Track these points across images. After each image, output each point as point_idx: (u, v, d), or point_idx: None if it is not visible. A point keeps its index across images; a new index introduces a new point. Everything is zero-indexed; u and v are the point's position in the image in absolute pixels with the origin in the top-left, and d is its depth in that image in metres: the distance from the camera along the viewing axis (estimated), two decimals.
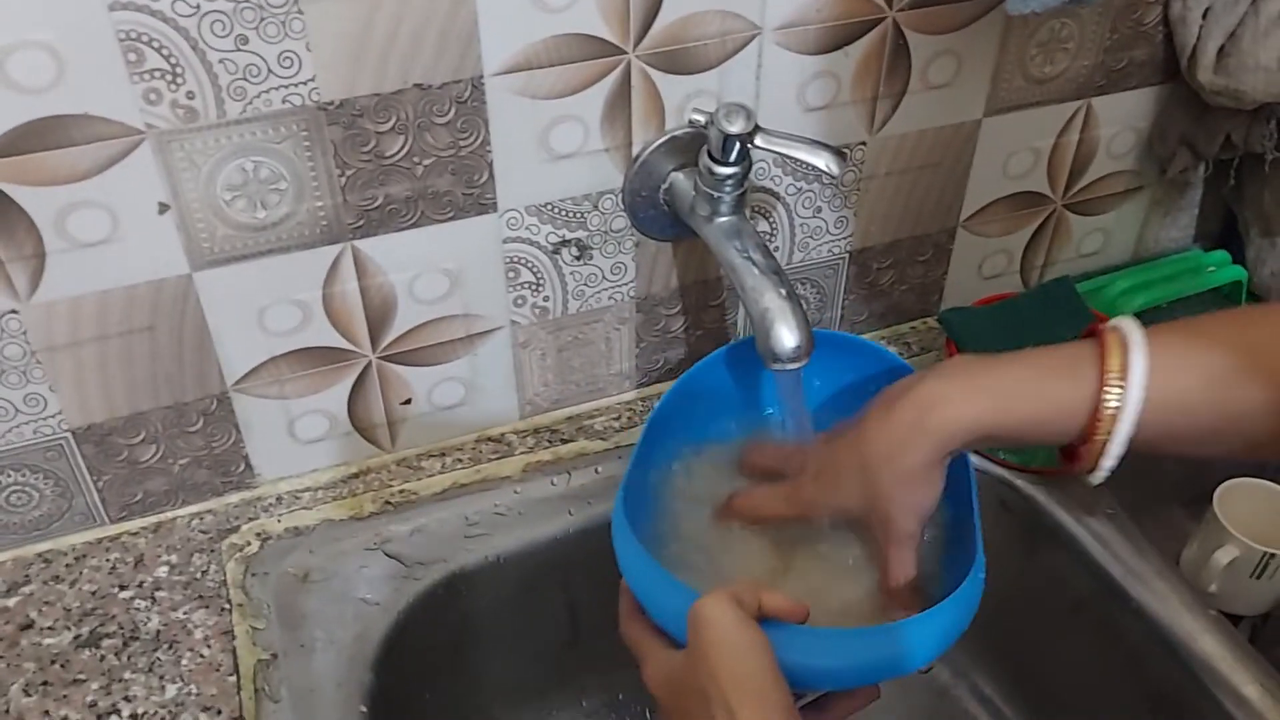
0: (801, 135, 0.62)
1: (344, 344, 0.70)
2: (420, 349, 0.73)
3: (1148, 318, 0.90)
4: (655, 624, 0.55)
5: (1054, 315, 0.82)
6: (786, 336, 0.61)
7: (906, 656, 0.53)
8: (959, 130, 0.78)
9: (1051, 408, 0.53)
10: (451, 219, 0.67)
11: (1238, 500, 0.90)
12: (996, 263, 0.89)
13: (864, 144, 0.76)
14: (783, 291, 0.62)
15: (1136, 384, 0.51)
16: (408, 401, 0.75)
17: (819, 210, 0.78)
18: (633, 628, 0.58)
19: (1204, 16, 0.76)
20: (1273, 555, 0.86)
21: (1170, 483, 0.94)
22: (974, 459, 0.77)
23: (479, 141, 0.65)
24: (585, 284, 0.74)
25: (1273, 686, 0.67)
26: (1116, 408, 0.51)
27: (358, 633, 0.67)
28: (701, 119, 0.63)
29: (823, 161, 0.62)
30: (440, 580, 0.72)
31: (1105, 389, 0.52)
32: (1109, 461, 0.53)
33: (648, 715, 0.85)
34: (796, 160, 0.62)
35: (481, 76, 0.63)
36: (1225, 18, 0.75)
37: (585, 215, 0.71)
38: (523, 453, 0.79)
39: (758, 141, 0.62)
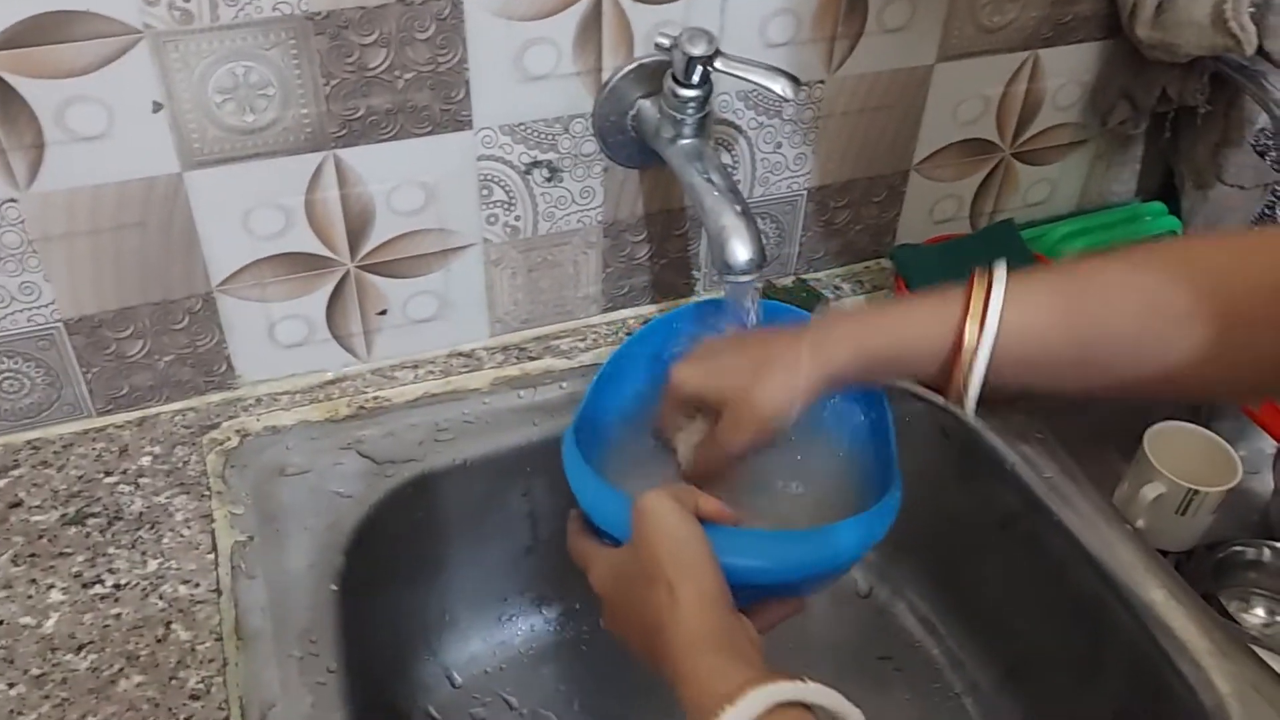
0: (760, 61, 0.67)
1: (324, 251, 0.74)
2: (396, 260, 0.77)
3: None
4: (602, 536, 0.60)
5: (995, 253, 0.86)
6: (741, 249, 0.65)
7: (827, 557, 0.58)
8: (913, 74, 0.83)
9: (916, 341, 0.57)
10: (429, 133, 0.71)
11: (1167, 441, 0.96)
12: (947, 207, 0.93)
13: (822, 82, 0.80)
14: (739, 209, 0.66)
15: (993, 317, 0.54)
16: (383, 312, 0.79)
17: (779, 145, 0.82)
18: (579, 542, 0.62)
19: None
20: (1196, 492, 0.92)
21: (1106, 427, 0.99)
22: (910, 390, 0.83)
23: (457, 59, 0.69)
24: (555, 206, 0.79)
25: (1177, 591, 0.73)
26: (973, 342, 0.55)
27: (330, 522, 0.72)
28: (667, 42, 0.67)
29: (779, 86, 0.66)
30: (410, 479, 0.76)
31: (965, 324, 0.55)
32: (971, 393, 0.56)
33: (601, 623, 0.90)
34: (754, 84, 0.66)
35: None
36: None
37: (556, 138, 0.75)
38: (491, 367, 0.83)
39: (718, 64, 0.66)
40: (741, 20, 0.74)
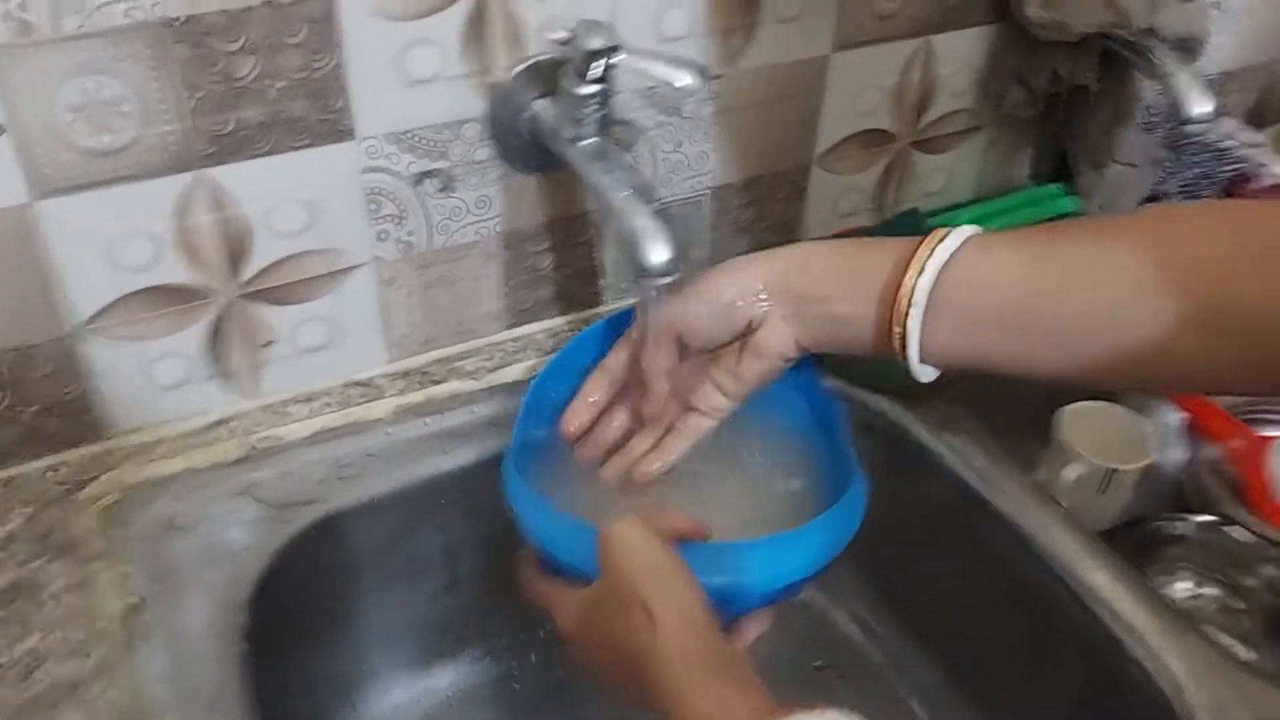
0: (661, 52, 0.64)
1: (200, 281, 0.68)
2: (281, 286, 0.71)
3: None
4: (562, 573, 0.56)
5: None
6: (657, 250, 0.62)
7: (809, 559, 0.55)
8: (810, 65, 0.81)
9: (856, 276, 0.56)
10: (308, 146, 0.66)
11: (1081, 421, 0.96)
12: (850, 200, 0.92)
13: (720, 77, 0.78)
14: (651, 208, 0.63)
15: (940, 254, 0.53)
16: (269, 344, 0.73)
17: (680, 144, 0.80)
18: (538, 583, 0.58)
19: None
20: (1115, 470, 0.92)
21: (1019, 412, 0.98)
22: (837, 386, 0.81)
23: (333, 64, 0.64)
24: (450, 218, 0.74)
25: (1119, 571, 0.71)
26: (913, 279, 0.53)
27: (230, 576, 0.65)
28: (562, 37, 0.63)
29: (684, 78, 0.63)
30: (313, 522, 0.70)
31: (910, 262, 0.53)
32: (912, 341, 0.54)
33: (531, 658, 0.85)
34: (658, 77, 0.63)
35: None
36: None
37: (447, 145, 0.71)
38: (393, 395, 0.78)
39: (620, 58, 0.63)
40: (634, 15, 0.71)
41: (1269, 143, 1.08)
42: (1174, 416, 1.06)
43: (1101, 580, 0.71)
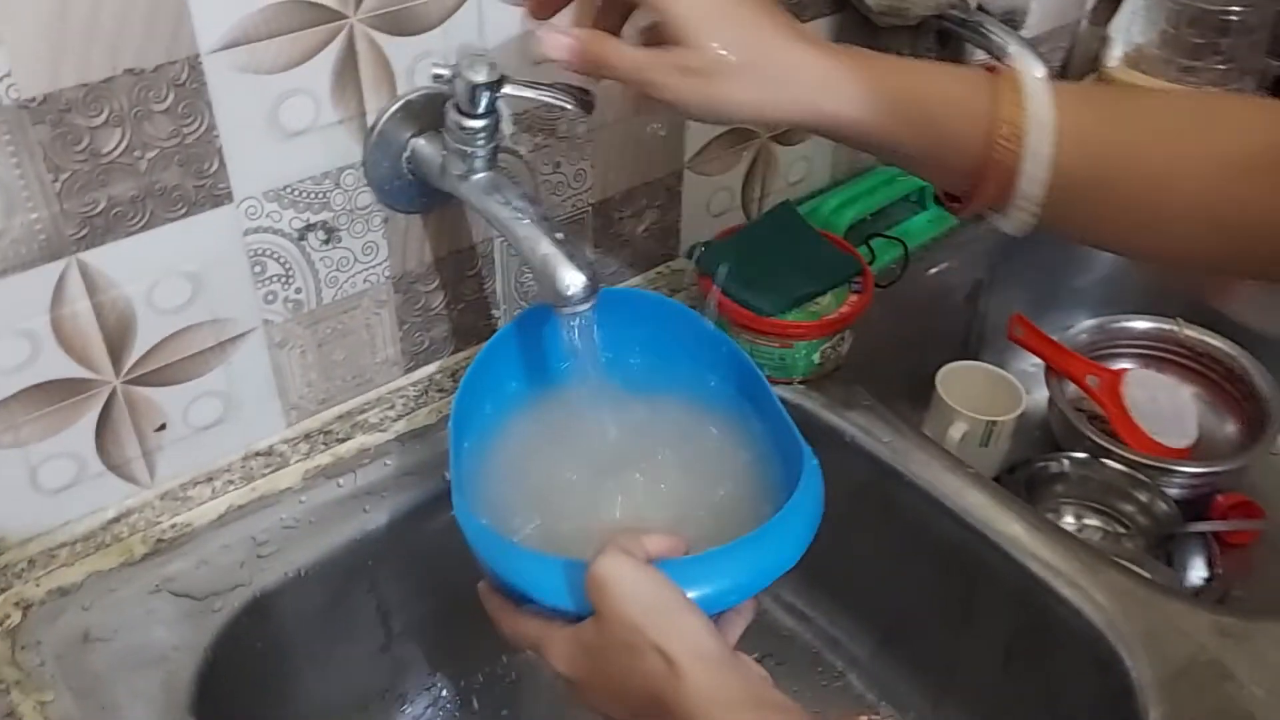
0: (545, 80, 0.63)
1: (82, 373, 0.63)
2: (168, 366, 0.67)
3: (862, 229, 0.99)
4: (542, 608, 0.54)
5: (785, 238, 0.87)
6: (571, 276, 0.61)
7: (789, 550, 0.56)
8: None
9: (956, 99, 0.50)
10: (185, 215, 0.62)
11: (956, 381, 1.01)
12: (721, 200, 0.93)
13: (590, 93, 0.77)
14: (558, 235, 0.62)
15: (1043, 94, 0.48)
16: (162, 427, 0.69)
17: (558, 165, 0.79)
18: (520, 622, 0.55)
19: None
20: (995, 423, 0.97)
21: (891, 379, 1.02)
22: None
23: (204, 127, 0.60)
24: (338, 269, 0.71)
25: (1033, 521, 0.75)
26: (1025, 116, 0.47)
27: (163, 680, 0.61)
28: (444, 72, 0.62)
29: (572, 102, 0.62)
30: (241, 608, 0.66)
31: (1004, 96, 0.48)
32: (1034, 184, 0.48)
33: (475, 704, 0.83)
34: (548, 103, 0.62)
35: (198, 55, 0.58)
36: None
37: (328, 194, 0.68)
38: (298, 460, 0.75)
39: (506, 89, 0.62)
40: (502, 39, 0.70)
41: None
42: (1028, 363, 1.13)
43: (1019, 531, 0.75)
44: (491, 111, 0.63)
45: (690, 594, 0.50)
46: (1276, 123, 0.47)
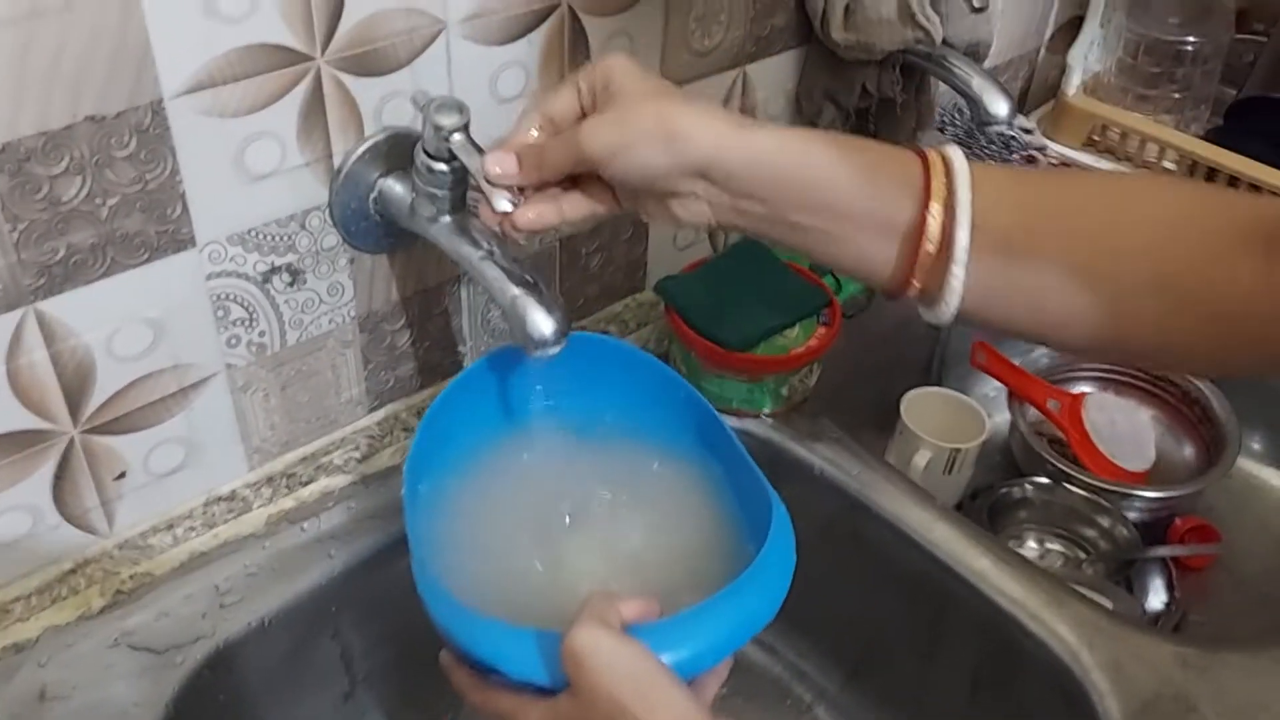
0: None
1: (39, 424, 0.61)
2: (128, 414, 0.65)
3: None
4: (511, 681, 0.53)
5: (752, 270, 0.87)
6: (543, 320, 0.60)
7: (765, 605, 0.55)
8: None
9: (851, 184, 0.49)
10: (146, 261, 0.61)
11: (920, 408, 1.01)
12: (687, 233, 0.93)
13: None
14: (529, 278, 0.62)
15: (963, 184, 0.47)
16: (122, 475, 0.67)
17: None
18: (490, 695, 0.54)
19: None
20: (958, 450, 0.98)
21: (857, 407, 1.03)
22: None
23: (167, 172, 0.59)
24: (302, 311, 0.70)
25: (1000, 554, 0.76)
26: (942, 214, 0.47)
27: None
28: (415, 116, 0.61)
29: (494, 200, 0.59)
30: (203, 660, 0.65)
31: (931, 185, 0.48)
32: (955, 284, 0.47)
33: None
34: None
35: (161, 100, 0.57)
36: None
37: (293, 237, 0.67)
38: (261, 505, 0.73)
39: (455, 140, 0.60)
40: (470, 80, 0.69)
41: (1036, 127, 1.18)
42: (990, 387, 1.14)
43: (986, 565, 0.76)
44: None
45: (666, 658, 0.50)
46: (1192, 200, 0.48)
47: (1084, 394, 1.11)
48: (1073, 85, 1.17)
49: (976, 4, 0.85)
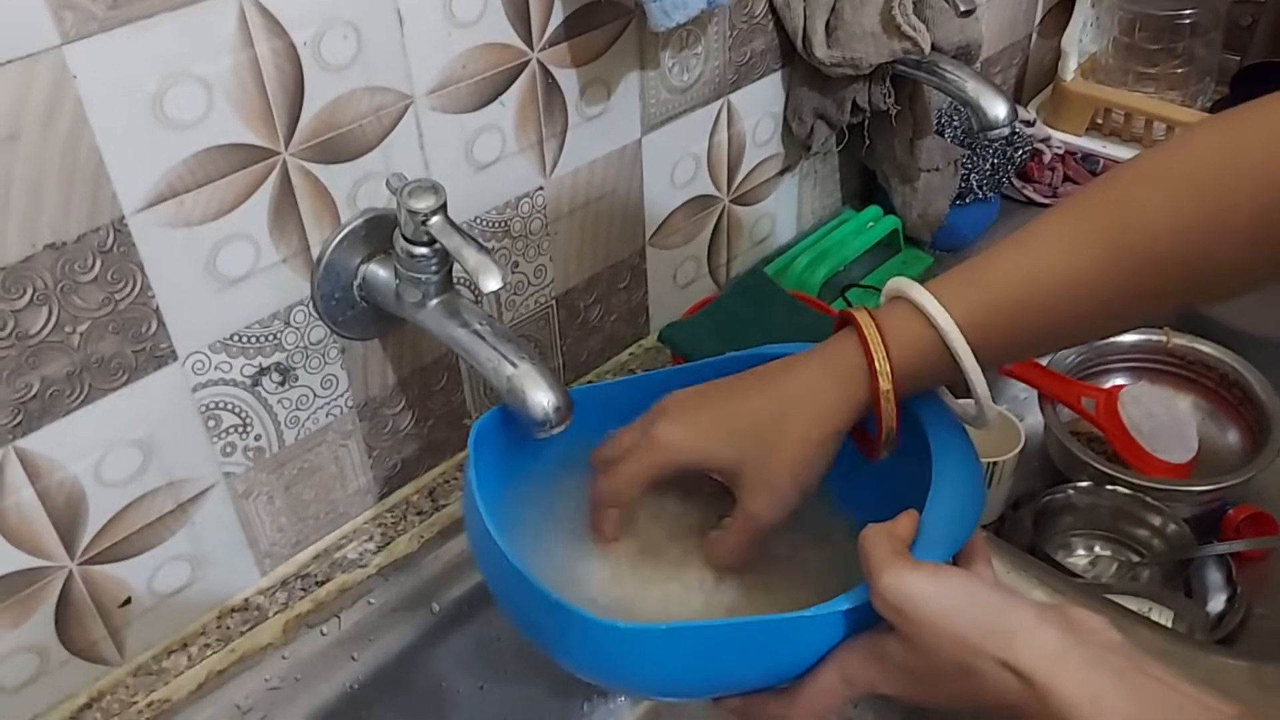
0: (469, 237, 0.58)
1: (34, 562, 0.58)
2: (126, 539, 0.62)
3: (837, 283, 0.96)
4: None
5: (757, 304, 0.84)
6: (542, 398, 0.57)
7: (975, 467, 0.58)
8: (624, 153, 0.78)
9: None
10: (126, 383, 0.58)
11: None
12: (687, 270, 0.90)
13: (541, 189, 0.74)
14: (523, 355, 0.59)
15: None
16: (127, 602, 0.64)
17: (516, 265, 0.75)
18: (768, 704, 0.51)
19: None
20: (995, 463, 0.94)
21: None
22: None
23: (137, 289, 0.56)
24: (297, 408, 0.67)
25: (1056, 585, 0.72)
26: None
27: None
28: (390, 202, 0.58)
29: (486, 280, 0.56)
30: None
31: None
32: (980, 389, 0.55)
33: None
34: (463, 268, 0.57)
35: (123, 217, 0.54)
36: None
37: (279, 335, 0.64)
38: (277, 612, 0.70)
39: (433, 225, 0.57)
40: (444, 151, 0.67)
41: (1037, 115, 1.14)
42: (1018, 390, 1.10)
43: (1042, 597, 0.72)
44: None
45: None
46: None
47: (1119, 387, 1.06)
48: (1069, 70, 1.13)
49: (963, 7, 0.81)
